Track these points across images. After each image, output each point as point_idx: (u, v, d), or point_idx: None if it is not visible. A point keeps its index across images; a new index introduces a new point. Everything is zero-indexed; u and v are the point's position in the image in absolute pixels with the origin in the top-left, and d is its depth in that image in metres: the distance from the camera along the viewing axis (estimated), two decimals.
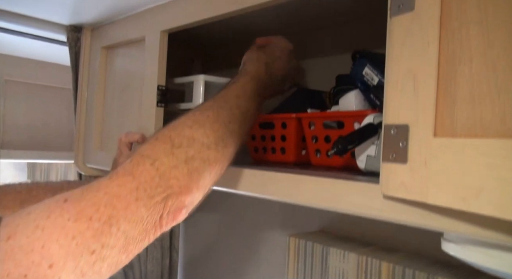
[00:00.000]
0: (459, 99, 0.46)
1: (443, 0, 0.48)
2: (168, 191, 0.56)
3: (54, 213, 0.48)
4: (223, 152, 0.65)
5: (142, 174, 0.55)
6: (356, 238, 1.01)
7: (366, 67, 0.76)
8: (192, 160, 0.60)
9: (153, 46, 1.01)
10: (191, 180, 0.59)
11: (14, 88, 1.65)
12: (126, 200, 0.52)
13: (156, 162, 0.57)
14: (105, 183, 0.53)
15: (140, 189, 0.54)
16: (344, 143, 0.63)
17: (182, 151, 0.60)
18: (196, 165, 0.60)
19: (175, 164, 0.58)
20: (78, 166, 1.31)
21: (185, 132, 0.62)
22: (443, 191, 0.46)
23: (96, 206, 0.50)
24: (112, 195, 0.52)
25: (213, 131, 0.64)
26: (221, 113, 0.68)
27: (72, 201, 0.50)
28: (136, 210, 0.52)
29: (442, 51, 0.48)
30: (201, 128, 0.63)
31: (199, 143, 0.62)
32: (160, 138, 0.61)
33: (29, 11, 1.16)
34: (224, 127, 0.66)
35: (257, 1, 0.78)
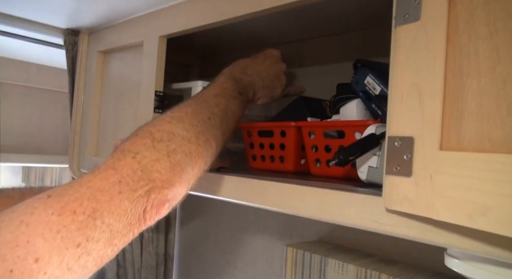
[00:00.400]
0: (466, 114, 0.45)
1: (451, 12, 0.47)
2: (151, 185, 0.56)
3: (37, 209, 0.48)
4: (204, 146, 0.65)
5: (124, 167, 0.55)
6: (355, 249, 0.99)
7: (368, 76, 0.75)
8: (174, 153, 0.60)
9: (151, 51, 0.99)
10: (173, 174, 0.59)
11: (9, 91, 1.63)
12: (109, 194, 0.52)
13: (138, 156, 0.57)
14: (87, 178, 0.53)
15: (122, 183, 0.53)
16: (346, 154, 0.62)
17: (163, 145, 0.59)
18: (179, 158, 0.60)
19: (157, 158, 0.58)
20: (72, 171, 1.29)
21: (165, 127, 0.62)
22: (449, 207, 0.45)
23: (80, 200, 0.50)
24: (95, 189, 0.51)
25: (192, 126, 0.64)
26: (200, 110, 0.68)
27: (55, 197, 0.50)
28: (119, 203, 0.52)
29: (449, 65, 0.47)
30: (180, 123, 0.64)
31: (179, 136, 0.62)
32: (140, 134, 0.61)
33: (26, 14, 1.15)
34: (203, 122, 0.67)
35: (256, 9, 0.77)
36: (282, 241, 1.18)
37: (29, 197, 0.92)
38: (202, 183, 0.82)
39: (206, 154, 0.66)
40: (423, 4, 0.50)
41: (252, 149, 0.95)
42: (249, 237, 1.28)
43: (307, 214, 0.67)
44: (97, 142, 1.23)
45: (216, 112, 0.70)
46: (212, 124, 0.68)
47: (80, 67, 1.28)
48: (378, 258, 0.93)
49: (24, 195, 0.94)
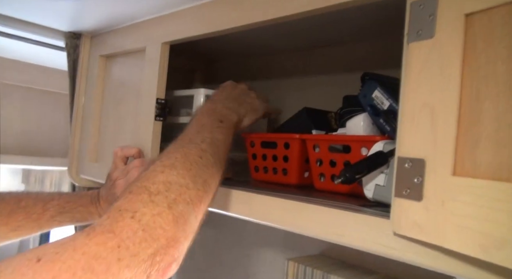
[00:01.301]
0: (483, 138, 0.42)
1: (468, 30, 0.45)
2: (155, 246, 0.51)
3: (26, 277, 0.43)
4: (204, 188, 0.62)
5: (123, 229, 0.50)
6: (358, 265, 0.97)
7: (376, 90, 0.72)
8: (175, 203, 0.56)
9: (153, 57, 0.97)
10: (177, 228, 0.54)
11: (10, 92, 1.62)
12: (107, 262, 0.46)
13: (137, 214, 0.52)
14: (82, 241, 0.48)
15: (122, 247, 0.48)
16: (352, 173, 0.60)
17: (161, 197, 0.55)
18: (181, 209, 0.56)
19: (158, 212, 0.53)
20: (72, 177, 1.27)
21: (159, 178, 0.58)
22: (462, 237, 0.42)
23: (73, 270, 0.44)
24: (90, 256, 0.46)
25: (186, 170, 0.61)
26: (189, 151, 0.65)
27: (46, 263, 0.44)
28: (118, 272, 0.47)
29: (465, 87, 0.44)
30: (174, 170, 0.60)
31: (176, 185, 0.58)
32: (134, 190, 0.56)
33: (28, 16, 1.13)
34: (196, 163, 0.63)
35: (260, 19, 0.75)
36: (284, 254, 1.15)
37: (24, 203, 0.92)
38: None
39: (207, 197, 0.63)
40: (438, 20, 0.48)
41: (254, 160, 0.93)
42: (250, 249, 1.26)
43: (309, 233, 0.65)
44: (97, 147, 1.21)
45: (205, 149, 0.67)
46: (205, 163, 0.65)
47: (81, 71, 1.26)
48: (382, 276, 0.90)
49: (20, 200, 0.92)
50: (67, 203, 0.94)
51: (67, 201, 0.94)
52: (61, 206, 0.93)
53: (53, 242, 0.48)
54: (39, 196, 0.95)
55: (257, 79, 1.25)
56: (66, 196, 0.97)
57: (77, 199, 0.96)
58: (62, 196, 0.96)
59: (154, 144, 0.96)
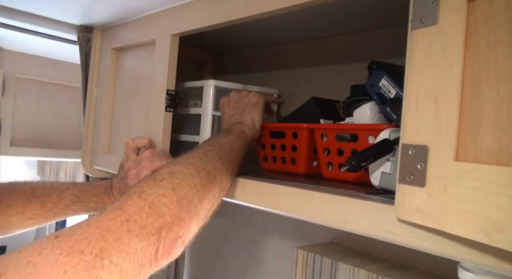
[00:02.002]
0: (484, 123, 0.43)
1: (469, 16, 0.45)
2: (160, 221, 0.55)
3: (45, 249, 0.47)
4: (208, 178, 0.66)
5: (131, 206, 0.55)
6: (367, 252, 0.97)
7: (383, 78, 0.73)
8: (179, 186, 0.60)
9: (163, 49, 0.98)
10: (181, 208, 0.59)
11: (25, 86, 1.64)
12: (117, 232, 0.51)
13: (143, 194, 0.57)
14: (95, 219, 0.52)
15: (130, 221, 0.53)
16: (358, 160, 0.60)
17: (166, 182, 0.60)
18: (184, 192, 0.60)
19: (162, 193, 0.58)
20: (85, 168, 1.29)
21: (163, 170, 0.64)
22: (464, 221, 0.43)
23: (87, 240, 0.49)
24: (103, 229, 0.51)
25: (189, 163, 0.66)
26: (193, 153, 0.71)
27: (63, 237, 0.49)
28: (128, 241, 0.51)
29: (467, 73, 0.44)
30: (177, 164, 0.66)
31: (180, 173, 0.63)
32: (143, 179, 0.63)
33: (41, 11, 1.15)
34: (199, 159, 0.68)
35: (268, 9, 0.75)
36: (293, 242, 1.16)
37: (40, 193, 0.94)
38: None
39: (212, 186, 0.66)
40: (440, 7, 0.48)
41: (263, 150, 0.94)
42: (260, 237, 1.27)
43: (317, 220, 0.66)
44: (110, 139, 1.23)
45: (209, 149, 0.72)
46: (210, 158, 0.70)
47: (94, 64, 1.27)
48: (390, 263, 0.91)
49: (35, 189, 0.95)
50: (81, 193, 0.96)
51: (81, 191, 0.96)
52: (76, 195, 0.95)
53: (70, 225, 0.53)
54: (54, 186, 0.97)
55: (266, 69, 1.26)
56: (80, 186, 0.99)
57: (91, 189, 0.98)
58: (77, 186, 0.98)
59: (164, 134, 0.97)
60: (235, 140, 0.80)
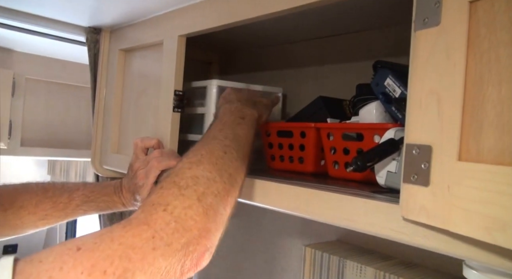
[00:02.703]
0: (486, 124, 0.43)
1: (472, 17, 0.45)
2: (187, 236, 0.54)
3: (67, 264, 0.46)
4: (230, 182, 0.65)
5: (156, 221, 0.53)
6: (374, 250, 0.98)
7: (388, 78, 0.73)
8: (204, 196, 0.59)
9: (170, 50, 0.99)
10: (208, 219, 0.57)
11: (34, 86, 1.66)
12: (142, 251, 0.50)
13: (169, 207, 0.55)
14: (119, 233, 0.51)
15: (156, 238, 0.51)
16: (364, 160, 0.61)
17: (191, 190, 0.58)
18: (210, 201, 0.59)
19: (188, 204, 0.57)
20: (94, 168, 1.31)
21: (187, 174, 0.61)
22: (466, 220, 0.44)
23: (111, 259, 0.47)
24: (127, 246, 0.49)
25: (212, 164, 0.64)
26: (213, 148, 0.68)
27: (86, 251, 0.48)
28: (153, 260, 0.50)
29: (469, 73, 0.45)
30: (200, 165, 0.63)
31: (204, 178, 0.61)
32: (165, 185, 0.60)
33: (50, 13, 1.16)
34: (221, 158, 0.66)
35: (275, 9, 0.76)
36: (301, 240, 1.17)
37: (51, 193, 0.95)
38: None
39: (234, 190, 0.65)
40: (443, 7, 0.48)
41: (270, 149, 0.95)
42: (268, 235, 1.28)
43: (324, 219, 0.67)
44: (119, 139, 1.24)
45: (228, 144, 0.70)
46: (230, 158, 0.68)
47: (102, 64, 1.29)
48: (397, 261, 0.91)
49: (47, 190, 0.96)
50: (92, 193, 0.97)
51: (92, 191, 0.98)
52: (86, 195, 0.96)
53: (91, 233, 0.51)
54: (65, 186, 0.99)
55: (272, 68, 1.26)
56: (91, 186, 1.00)
57: (101, 189, 0.99)
58: (87, 186, 0.99)
59: (172, 135, 0.98)
60: (249, 130, 0.78)
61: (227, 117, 0.80)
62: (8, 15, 1.14)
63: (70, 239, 0.50)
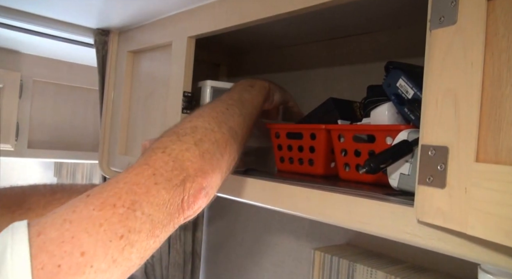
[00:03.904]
0: (504, 124, 0.42)
1: (489, 15, 0.45)
2: (184, 174, 0.58)
3: (79, 207, 0.50)
4: (229, 133, 0.68)
5: (156, 161, 0.57)
6: (384, 254, 0.97)
7: (400, 78, 0.72)
8: (200, 141, 0.62)
9: (179, 52, 0.99)
10: (204, 161, 0.61)
11: (42, 88, 1.66)
12: (146, 186, 0.54)
13: (167, 149, 0.59)
14: (123, 175, 0.55)
15: (157, 174, 0.55)
16: (377, 162, 0.60)
17: (188, 137, 0.62)
18: (206, 146, 0.63)
19: (186, 147, 0.60)
20: (102, 169, 1.30)
21: (186, 125, 0.66)
22: (485, 223, 0.43)
23: (118, 195, 0.51)
24: (131, 183, 0.53)
25: (212, 118, 0.68)
26: (215, 105, 0.73)
27: (94, 194, 0.52)
28: (157, 193, 0.54)
29: (487, 72, 0.44)
30: (200, 117, 0.67)
31: (202, 128, 0.65)
32: (165, 134, 0.65)
33: (58, 15, 1.16)
34: (222, 113, 0.70)
35: (283, 10, 0.76)
36: (310, 243, 1.16)
37: (60, 195, 0.95)
38: (229, 185, 0.81)
39: (233, 141, 0.68)
40: (460, 6, 0.48)
41: (280, 151, 0.94)
42: (277, 238, 1.27)
43: (335, 222, 0.66)
44: (127, 140, 1.24)
45: (231, 103, 0.74)
46: (231, 113, 0.72)
47: (110, 66, 1.28)
48: (408, 265, 0.90)
49: (55, 192, 0.96)
50: None
51: None
52: None
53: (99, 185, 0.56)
54: (73, 188, 0.98)
55: (281, 70, 1.25)
56: None
57: None
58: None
59: None
60: (256, 95, 0.82)
61: (236, 86, 0.84)
62: (15, 17, 1.14)
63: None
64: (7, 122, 1.54)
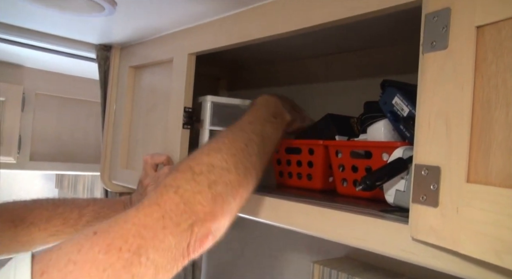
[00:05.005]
0: (494, 146, 0.44)
1: (479, 42, 0.46)
2: (193, 218, 0.57)
3: (84, 246, 0.49)
4: (244, 175, 0.66)
5: (167, 202, 0.56)
6: (383, 267, 0.98)
7: (396, 96, 0.74)
8: (214, 184, 0.61)
9: (180, 68, 1.01)
10: (215, 205, 0.60)
11: (45, 101, 1.68)
12: (153, 229, 0.53)
13: (180, 190, 0.58)
14: (132, 214, 0.54)
15: (166, 218, 0.54)
16: (373, 180, 0.62)
17: (203, 177, 0.61)
18: (220, 190, 0.61)
19: (198, 190, 0.59)
20: (104, 183, 1.32)
21: (203, 160, 0.63)
22: (476, 242, 0.44)
23: (125, 237, 0.51)
24: (139, 225, 0.52)
25: (230, 155, 0.65)
26: (236, 138, 0.70)
27: (101, 233, 0.51)
28: (163, 238, 0.53)
29: (477, 96, 0.46)
30: (218, 153, 0.65)
31: (218, 168, 0.63)
32: (180, 169, 0.62)
33: (61, 32, 1.18)
34: (241, 150, 0.67)
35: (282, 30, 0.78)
36: (309, 256, 1.17)
37: (62, 209, 0.96)
38: None
39: (246, 184, 0.66)
40: (451, 32, 0.49)
41: (279, 166, 0.96)
42: (276, 251, 1.28)
43: (332, 238, 0.67)
44: (128, 154, 1.25)
45: (252, 138, 0.71)
46: (250, 152, 0.69)
47: (112, 81, 1.30)
48: (406, 278, 0.91)
49: (57, 206, 0.97)
50: (102, 209, 0.98)
51: (102, 207, 0.99)
52: (96, 211, 0.97)
53: (107, 220, 0.55)
54: (75, 202, 1.00)
55: (280, 84, 1.27)
56: (101, 202, 1.01)
57: (111, 205, 1.00)
58: (97, 202, 1.00)
59: (182, 151, 0.99)
60: (277, 130, 0.80)
61: (261, 111, 0.81)
62: (18, 33, 1.16)
63: (87, 227, 0.54)
64: (9, 135, 1.56)
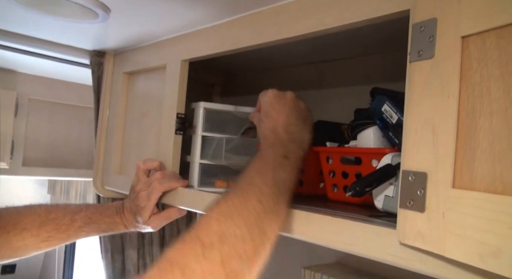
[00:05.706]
0: (478, 153, 0.45)
1: (464, 52, 0.47)
2: None
3: None
4: (261, 240, 0.59)
5: None
6: (374, 273, 0.99)
7: (385, 104, 0.75)
8: (228, 259, 0.53)
9: (173, 74, 1.02)
10: None
11: (38, 107, 1.68)
12: None
13: (187, 270, 0.50)
14: None
15: None
16: (362, 186, 0.63)
17: (215, 251, 0.53)
18: (234, 266, 0.53)
19: (209, 269, 0.51)
20: (96, 188, 1.32)
21: (213, 228, 0.56)
22: (460, 246, 0.45)
23: None
24: None
25: (243, 218, 0.58)
26: (248, 197, 0.61)
27: None
28: None
29: (462, 104, 0.47)
30: (229, 219, 0.57)
31: (232, 236, 0.55)
32: (188, 240, 0.55)
33: (54, 38, 1.19)
34: (254, 210, 0.59)
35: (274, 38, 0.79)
36: (300, 262, 1.18)
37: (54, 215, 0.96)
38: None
39: (263, 248, 0.60)
40: (437, 42, 0.51)
41: None
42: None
43: (321, 242, 0.68)
44: (121, 160, 1.26)
45: (266, 192, 0.62)
46: (265, 209, 0.61)
47: (106, 87, 1.31)
48: None
49: (50, 212, 0.98)
50: (94, 214, 0.98)
51: (94, 212, 0.99)
52: (88, 217, 0.98)
53: None
54: (68, 208, 1.00)
55: None
56: (93, 208, 1.02)
57: (103, 211, 1.00)
58: (89, 208, 1.01)
59: (174, 157, 1.00)
60: (292, 172, 0.70)
61: (269, 154, 0.71)
62: (12, 39, 1.16)
63: None
64: (2, 140, 1.56)
